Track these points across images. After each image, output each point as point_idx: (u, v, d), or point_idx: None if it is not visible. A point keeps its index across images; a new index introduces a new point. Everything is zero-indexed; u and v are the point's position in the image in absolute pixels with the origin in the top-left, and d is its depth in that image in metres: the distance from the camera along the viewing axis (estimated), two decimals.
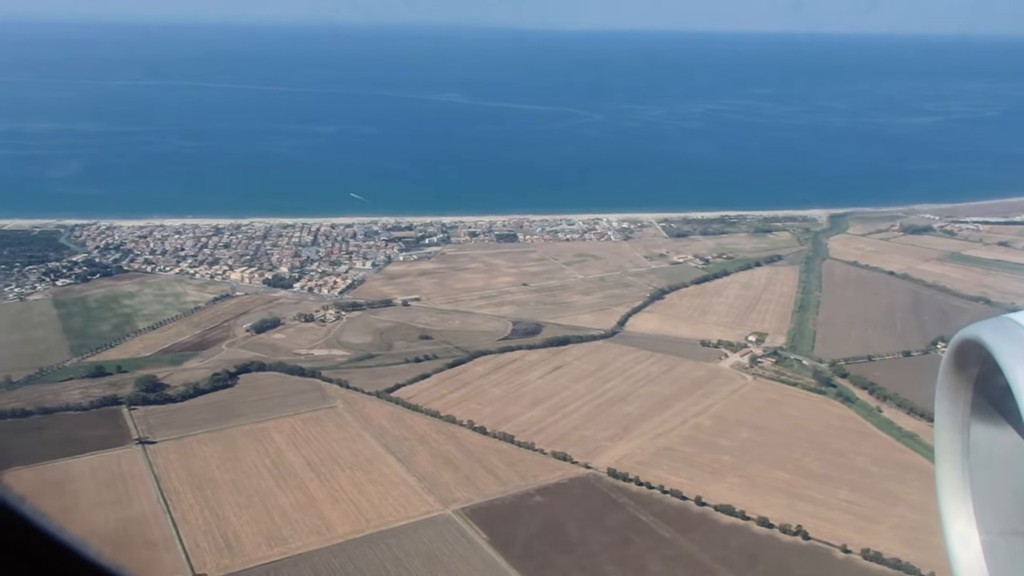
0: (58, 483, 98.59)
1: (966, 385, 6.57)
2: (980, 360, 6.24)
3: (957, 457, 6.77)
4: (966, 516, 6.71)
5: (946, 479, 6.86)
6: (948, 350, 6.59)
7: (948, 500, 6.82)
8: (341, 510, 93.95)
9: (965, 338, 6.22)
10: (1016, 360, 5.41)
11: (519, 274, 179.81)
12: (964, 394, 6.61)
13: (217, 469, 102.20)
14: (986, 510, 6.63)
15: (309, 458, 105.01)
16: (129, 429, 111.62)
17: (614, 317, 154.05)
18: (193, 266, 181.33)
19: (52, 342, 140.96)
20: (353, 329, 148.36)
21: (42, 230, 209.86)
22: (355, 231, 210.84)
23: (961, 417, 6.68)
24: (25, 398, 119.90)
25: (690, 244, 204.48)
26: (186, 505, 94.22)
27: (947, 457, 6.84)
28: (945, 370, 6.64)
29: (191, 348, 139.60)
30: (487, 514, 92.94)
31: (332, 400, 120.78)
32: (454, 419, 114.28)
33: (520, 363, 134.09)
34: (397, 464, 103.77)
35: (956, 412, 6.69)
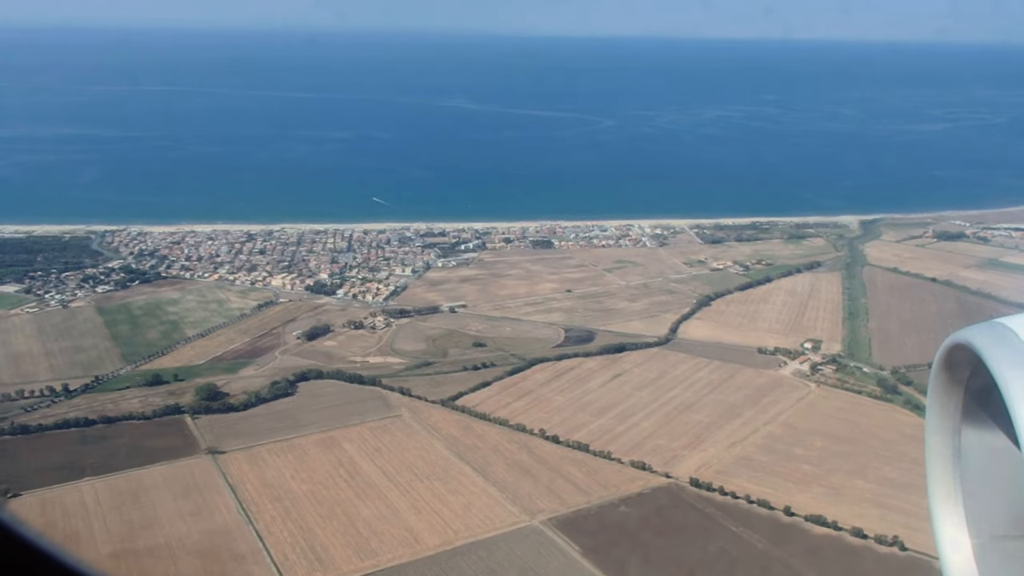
0: (132, 494, 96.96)
1: (957, 389, 6.55)
2: (971, 364, 6.19)
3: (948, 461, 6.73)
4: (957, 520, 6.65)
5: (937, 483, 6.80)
6: (938, 354, 6.58)
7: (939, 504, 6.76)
8: (426, 521, 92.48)
9: (956, 342, 6.19)
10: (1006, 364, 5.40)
11: (561, 280, 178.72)
12: (955, 398, 6.59)
13: (293, 480, 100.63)
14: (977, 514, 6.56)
15: (384, 468, 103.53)
16: (196, 439, 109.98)
17: (664, 324, 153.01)
18: (231, 272, 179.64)
19: (102, 349, 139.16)
20: (404, 336, 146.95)
21: (73, 236, 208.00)
22: (388, 237, 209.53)
23: (952, 421, 6.65)
24: (85, 407, 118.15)
25: (727, 250, 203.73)
26: (268, 517, 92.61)
27: (938, 461, 6.80)
28: (936, 374, 6.61)
29: (244, 356, 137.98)
30: (575, 525, 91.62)
31: (396, 409, 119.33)
32: (524, 428, 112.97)
33: (579, 371, 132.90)
34: (474, 474, 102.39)
35: (947, 416, 6.67)
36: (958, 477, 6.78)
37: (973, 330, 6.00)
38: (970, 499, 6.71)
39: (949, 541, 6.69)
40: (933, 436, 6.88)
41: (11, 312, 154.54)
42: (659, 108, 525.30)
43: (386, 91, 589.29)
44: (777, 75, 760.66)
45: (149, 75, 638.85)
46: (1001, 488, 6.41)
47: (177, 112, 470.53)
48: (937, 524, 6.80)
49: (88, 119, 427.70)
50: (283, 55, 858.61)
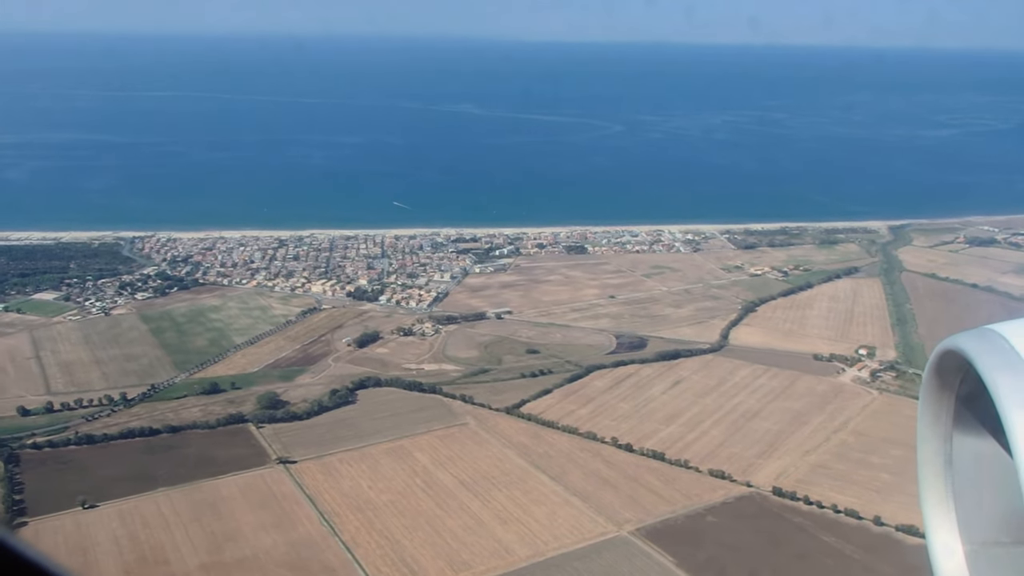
0: (211, 505, 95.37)
1: (948, 395, 6.52)
2: (962, 371, 6.18)
3: (940, 467, 6.70)
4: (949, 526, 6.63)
5: (929, 489, 6.77)
6: (930, 361, 6.55)
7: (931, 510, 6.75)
8: (513, 532, 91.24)
9: (947, 349, 6.16)
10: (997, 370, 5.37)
11: (602, 286, 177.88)
12: (946, 404, 6.57)
13: (370, 490, 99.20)
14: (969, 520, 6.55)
15: (460, 477, 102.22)
16: (264, 448, 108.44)
17: (714, 330, 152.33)
18: (268, 278, 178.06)
19: (153, 358, 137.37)
20: (455, 343, 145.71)
21: (102, 242, 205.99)
22: (420, 243, 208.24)
23: (944, 427, 6.63)
24: (146, 416, 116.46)
25: (761, 256, 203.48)
26: (352, 528, 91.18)
27: (930, 467, 6.76)
28: (927, 381, 6.60)
29: (297, 363, 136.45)
30: (664, 535, 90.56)
31: (461, 417, 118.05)
32: (595, 436, 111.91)
33: (637, 377, 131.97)
34: (551, 483, 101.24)
35: (939, 422, 6.64)
36: (950, 483, 6.72)
37: (964, 336, 5.98)
38: (962, 505, 6.65)
39: (942, 547, 6.62)
40: (925, 443, 6.81)
41: (53, 320, 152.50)
42: (664, 113, 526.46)
43: (387, 96, 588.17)
44: (774, 80, 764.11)
45: (144, 80, 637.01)
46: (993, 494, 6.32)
47: (178, 117, 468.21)
48: (929, 530, 6.75)
49: (92, 125, 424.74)
50: (274, 60, 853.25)
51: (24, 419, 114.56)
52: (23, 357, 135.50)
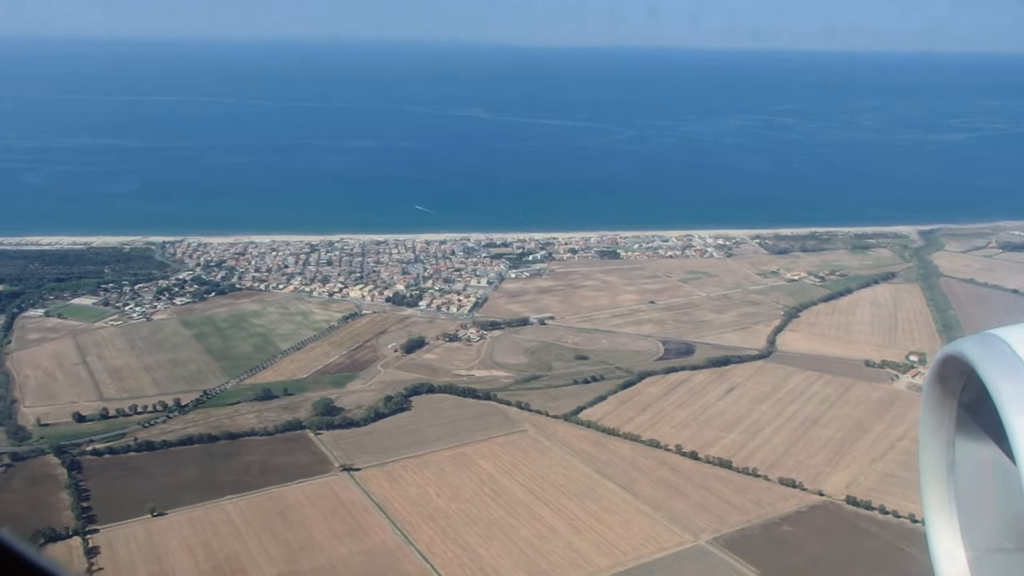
0: (280, 513, 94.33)
1: (950, 401, 6.46)
2: (964, 376, 6.11)
3: (943, 473, 6.64)
4: (952, 532, 6.57)
5: (932, 495, 6.71)
6: (932, 366, 6.47)
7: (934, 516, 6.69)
8: (589, 541, 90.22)
9: (949, 354, 6.10)
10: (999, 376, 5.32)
11: (640, 292, 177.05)
12: (949, 410, 6.50)
13: (438, 498, 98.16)
14: (972, 526, 6.48)
15: (527, 485, 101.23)
16: (325, 455, 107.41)
17: (760, 336, 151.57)
18: (304, 283, 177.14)
19: (201, 363, 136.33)
20: (502, 349, 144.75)
21: (133, 247, 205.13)
22: (452, 248, 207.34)
23: (946, 433, 6.56)
24: (202, 423, 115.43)
25: (795, 261, 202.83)
26: (426, 537, 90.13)
27: (933, 473, 6.70)
28: (929, 386, 6.54)
29: (346, 369, 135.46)
30: (742, 545, 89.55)
31: (519, 424, 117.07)
32: (658, 443, 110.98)
33: (690, 384, 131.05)
34: (620, 491, 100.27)
35: (941, 428, 6.57)
36: (952, 489, 6.66)
37: (966, 342, 5.91)
38: (965, 511, 6.59)
39: (944, 553, 6.55)
40: (927, 449, 6.75)
41: (95, 325, 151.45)
42: (675, 118, 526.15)
43: (396, 101, 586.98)
44: (779, 86, 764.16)
45: (151, 85, 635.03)
46: (996, 500, 6.24)
47: (188, 122, 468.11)
48: (932, 536, 6.68)
49: (105, 129, 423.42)
50: (278, 66, 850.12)
51: (80, 425, 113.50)
52: (71, 363, 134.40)
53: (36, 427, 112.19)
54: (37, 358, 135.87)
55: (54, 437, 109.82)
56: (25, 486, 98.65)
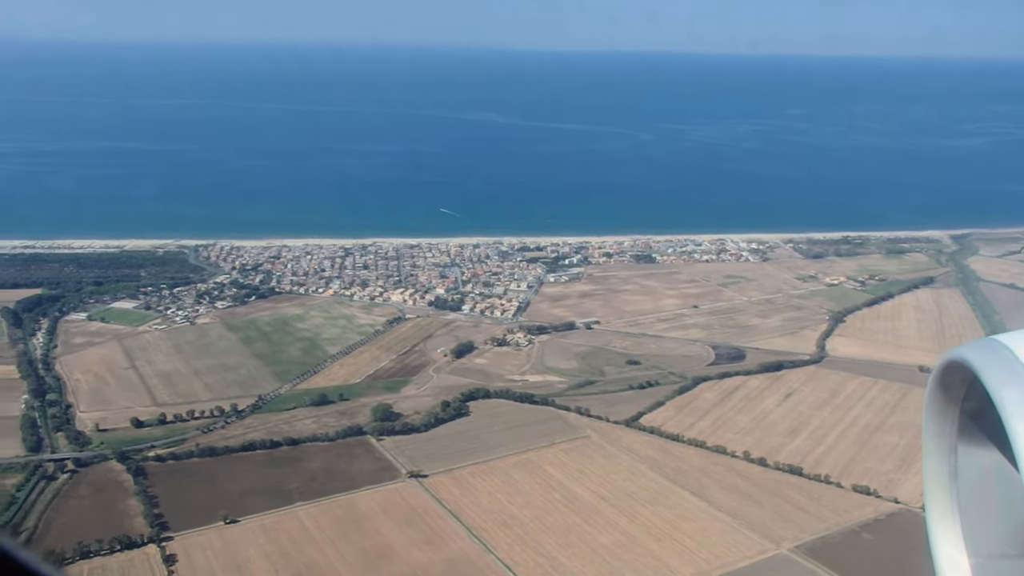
0: (353, 520, 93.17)
1: (953, 407, 6.41)
2: (966, 382, 6.09)
3: (945, 479, 6.60)
4: (955, 539, 6.52)
5: (935, 502, 6.68)
6: (934, 372, 6.39)
7: (937, 523, 6.64)
8: (670, 549, 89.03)
9: (951, 360, 6.08)
10: (1002, 381, 5.32)
11: (681, 296, 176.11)
12: (951, 416, 6.45)
13: (511, 505, 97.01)
14: (975, 533, 6.43)
15: (598, 492, 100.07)
16: (390, 461, 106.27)
17: (808, 341, 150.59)
18: (344, 287, 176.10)
19: (250, 368, 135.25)
20: (552, 353, 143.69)
21: (166, 250, 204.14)
22: (486, 252, 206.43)
23: (949, 439, 6.51)
24: (261, 428, 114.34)
25: (831, 265, 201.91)
26: (504, 545, 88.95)
27: (935, 479, 6.66)
28: (932, 392, 6.49)
29: (398, 374, 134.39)
30: (825, 553, 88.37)
31: (581, 430, 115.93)
32: (725, 450, 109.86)
33: (746, 389, 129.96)
34: (694, 498, 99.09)
35: (944, 434, 6.53)
36: (955, 496, 6.61)
37: (968, 348, 5.87)
38: (968, 518, 6.55)
39: (947, 560, 6.52)
40: (930, 455, 6.70)
41: (139, 329, 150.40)
42: (689, 122, 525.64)
43: (407, 105, 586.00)
44: (785, 91, 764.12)
45: (157, 89, 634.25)
46: (998, 507, 6.20)
47: (199, 125, 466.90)
48: (935, 543, 6.64)
49: (119, 133, 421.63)
50: (281, 69, 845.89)
51: (139, 431, 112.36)
52: (120, 367, 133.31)
53: (95, 432, 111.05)
54: (86, 362, 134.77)
55: (114, 442, 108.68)
56: (92, 492, 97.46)
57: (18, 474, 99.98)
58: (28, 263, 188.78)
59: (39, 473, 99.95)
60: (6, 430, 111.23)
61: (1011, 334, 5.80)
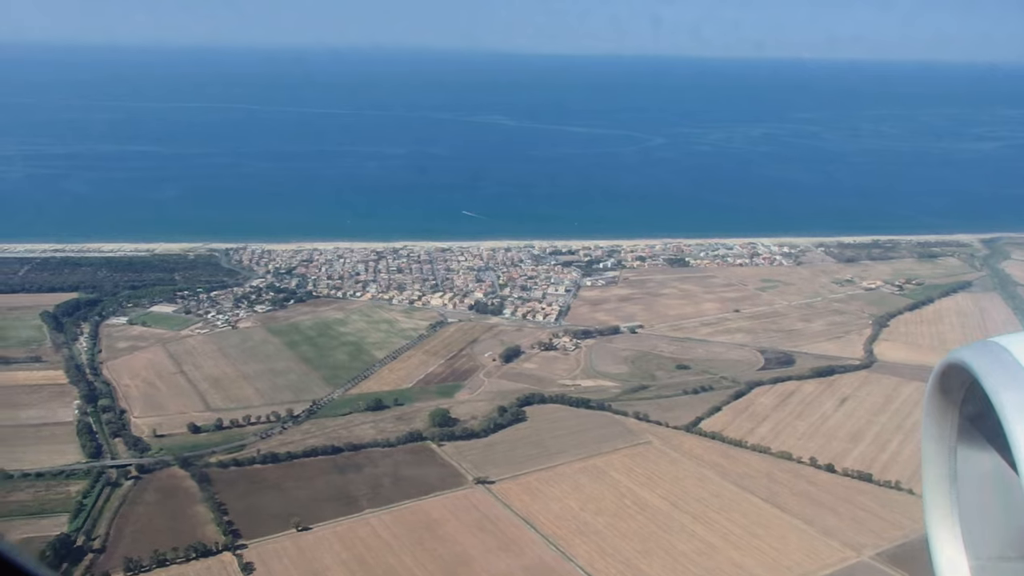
0: (426, 527, 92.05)
1: (952, 410, 6.41)
2: (965, 384, 6.09)
3: (945, 482, 6.58)
4: (955, 541, 6.51)
5: (934, 504, 6.66)
6: (933, 375, 6.41)
7: (936, 525, 6.62)
8: (751, 557, 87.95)
9: (950, 362, 6.07)
10: (1001, 384, 5.34)
11: (720, 300, 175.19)
12: (950, 419, 6.45)
13: (582, 511, 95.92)
14: (975, 535, 6.44)
15: (669, 499, 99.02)
16: (455, 467, 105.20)
17: (855, 345, 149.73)
18: (381, 291, 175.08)
19: (299, 372, 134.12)
20: (600, 358, 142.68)
21: (197, 254, 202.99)
22: (519, 255, 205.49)
23: (948, 442, 6.51)
24: (319, 433, 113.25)
25: (866, 269, 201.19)
26: (583, 552, 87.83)
27: (935, 482, 6.63)
28: (931, 395, 6.50)
29: (449, 379, 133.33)
30: (908, 562, 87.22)
31: (641, 435, 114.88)
32: (790, 456, 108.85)
33: (801, 394, 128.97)
34: (766, 505, 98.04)
35: (943, 437, 6.52)
36: (955, 499, 6.57)
37: (968, 350, 5.86)
38: (967, 521, 6.51)
39: (947, 563, 6.47)
40: (929, 457, 6.67)
41: (182, 333, 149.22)
42: (698, 126, 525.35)
43: (416, 108, 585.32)
44: (791, 94, 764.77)
45: (164, 92, 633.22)
46: (998, 509, 6.14)
47: (210, 128, 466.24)
48: (934, 546, 6.59)
49: (131, 136, 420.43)
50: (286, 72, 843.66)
51: (196, 436, 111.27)
52: (168, 372, 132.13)
53: (153, 438, 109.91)
54: (133, 367, 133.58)
55: (173, 448, 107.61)
56: (159, 499, 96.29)
57: (81, 480, 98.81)
58: (60, 267, 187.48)
59: (103, 480, 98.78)
60: (63, 436, 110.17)
61: (1010, 336, 5.78)
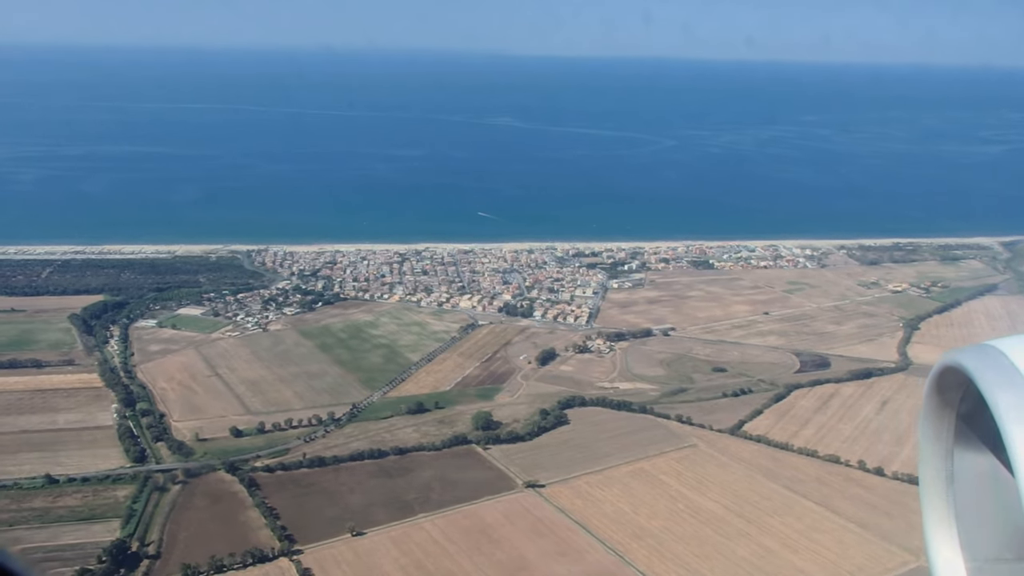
0: (481, 531, 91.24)
1: (949, 412, 6.47)
2: (962, 387, 6.16)
3: (942, 483, 6.62)
4: (952, 542, 6.55)
5: (931, 505, 6.69)
6: (930, 377, 6.46)
7: (933, 526, 6.66)
8: (811, 561, 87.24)
9: (947, 365, 6.14)
10: (997, 386, 5.40)
11: (749, 303, 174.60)
12: (947, 421, 6.51)
13: (636, 515, 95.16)
14: (971, 536, 6.49)
15: (721, 502, 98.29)
16: (503, 471, 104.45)
17: (888, 348, 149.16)
18: (408, 293, 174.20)
19: (335, 375, 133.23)
20: (636, 360, 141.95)
21: (219, 256, 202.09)
22: (543, 258, 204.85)
23: (945, 444, 6.57)
24: (363, 437, 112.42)
25: (890, 272, 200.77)
26: (642, 557, 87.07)
27: (932, 483, 6.67)
28: (928, 397, 6.54)
29: (486, 382, 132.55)
30: None
31: (686, 438, 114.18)
32: (838, 459, 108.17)
33: (840, 397, 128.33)
34: (820, 509, 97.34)
35: (940, 439, 6.58)
36: (952, 500, 6.57)
37: (964, 353, 5.90)
38: (964, 522, 6.52)
39: (944, 564, 6.49)
40: (926, 460, 6.69)
41: (212, 336, 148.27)
42: (705, 128, 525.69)
43: (425, 110, 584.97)
44: (792, 97, 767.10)
45: (169, 93, 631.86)
46: (994, 510, 6.16)
47: (222, 130, 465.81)
48: (931, 547, 6.60)
49: (141, 137, 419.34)
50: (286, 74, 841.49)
51: (239, 440, 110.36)
52: (203, 375, 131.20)
53: (195, 442, 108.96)
54: (167, 370, 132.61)
55: (216, 452, 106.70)
56: (208, 504, 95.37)
57: (128, 485, 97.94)
58: (83, 269, 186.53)
59: (150, 484, 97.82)
60: (104, 440, 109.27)
61: (1006, 339, 5.77)
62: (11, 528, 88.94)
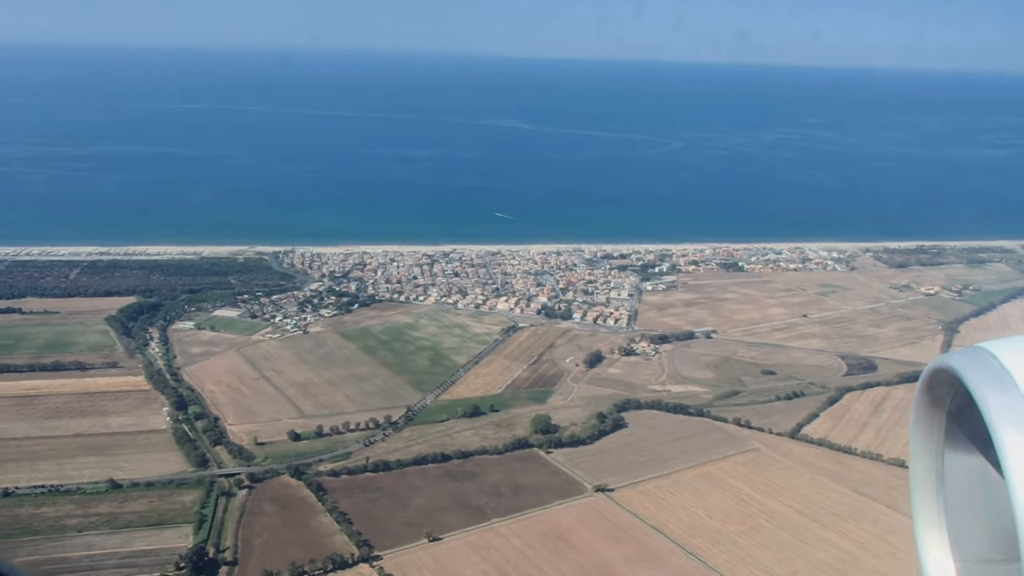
0: (558, 536, 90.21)
1: (940, 414, 6.51)
2: (953, 389, 6.20)
3: (932, 485, 6.66)
4: (941, 543, 6.57)
5: (921, 507, 6.73)
6: (921, 379, 6.50)
7: (923, 528, 6.69)
8: (895, 568, 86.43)
9: (938, 367, 6.18)
10: (988, 389, 5.45)
11: (785, 305, 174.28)
12: (938, 423, 6.55)
13: (711, 520, 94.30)
14: (961, 538, 6.51)
15: (794, 506, 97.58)
16: (569, 474, 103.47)
17: (930, 351, 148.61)
18: (443, 295, 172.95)
19: (384, 378, 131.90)
20: (683, 363, 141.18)
21: (246, 257, 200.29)
22: (573, 259, 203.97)
23: (935, 445, 6.60)
24: (422, 440, 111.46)
25: (919, 275, 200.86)
26: (724, 562, 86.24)
27: (922, 485, 6.71)
28: (918, 399, 6.59)
29: (536, 384, 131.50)
30: None
31: (747, 442, 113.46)
32: (903, 463, 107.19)
33: (893, 400, 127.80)
34: (894, 513, 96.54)
35: (930, 441, 6.61)
36: (942, 500, 6.62)
37: (954, 355, 5.94)
38: (954, 522, 6.55)
39: (934, 565, 6.51)
40: (916, 460, 6.73)
41: (253, 338, 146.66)
42: (711, 130, 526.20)
43: (427, 111, 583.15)
44: (793, 99, 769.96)
45: (171, 93, 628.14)
46: (984, 511, 6.19)
47: (229, 130, 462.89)
48: (921, 548, 6.63)
49: (149, 138, 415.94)
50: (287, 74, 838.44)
51: (298, 444, 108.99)
52: (251, 378, 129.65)
53: (254, 446, 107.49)
54: (214, 373, 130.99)
55: (277, 456, 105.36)
56: (278, 509, 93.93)
57: (193, 490, 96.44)
58: (110, 270, 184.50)
59: (216, 489, 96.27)
60: (161, 444, 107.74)
61: (996, 341, 5.79)
62: (81, 534, 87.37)
